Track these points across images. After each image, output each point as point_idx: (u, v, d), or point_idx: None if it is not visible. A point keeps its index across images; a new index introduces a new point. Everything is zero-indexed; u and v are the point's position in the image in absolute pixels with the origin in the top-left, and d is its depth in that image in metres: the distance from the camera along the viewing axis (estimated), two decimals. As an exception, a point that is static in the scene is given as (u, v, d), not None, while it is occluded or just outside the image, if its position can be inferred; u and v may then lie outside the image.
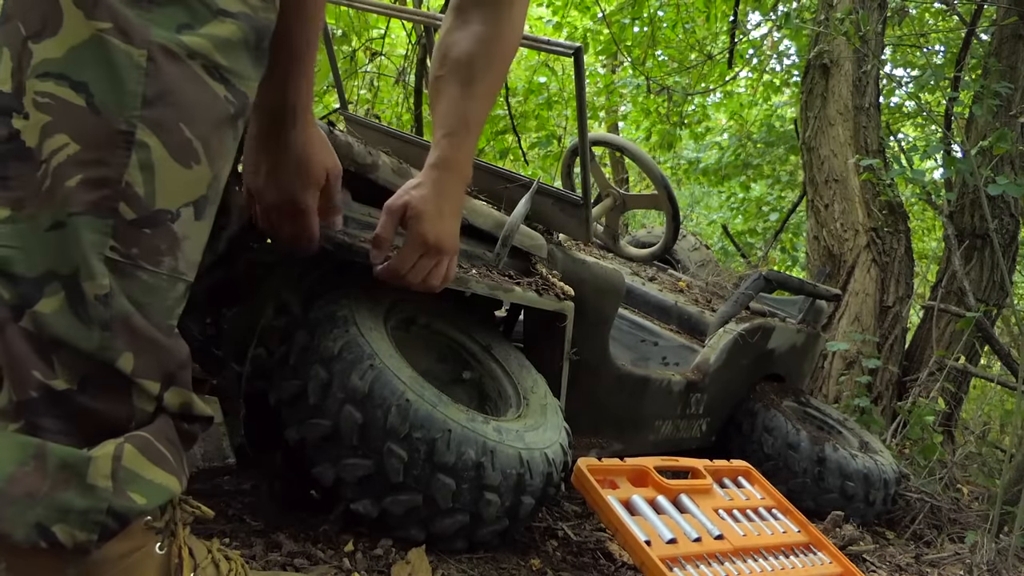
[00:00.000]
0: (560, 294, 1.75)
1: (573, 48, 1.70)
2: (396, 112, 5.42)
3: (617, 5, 6.63)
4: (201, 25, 0.82)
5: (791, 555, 1.74)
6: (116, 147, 0.78)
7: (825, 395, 3.81)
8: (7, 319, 0.78)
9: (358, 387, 1.31)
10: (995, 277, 3.90)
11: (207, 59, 0.83)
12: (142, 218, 0.80)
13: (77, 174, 0.77)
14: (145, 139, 0.79)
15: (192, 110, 0.82)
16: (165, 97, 0.80)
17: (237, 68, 0.86)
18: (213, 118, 0.84)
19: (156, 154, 0.80)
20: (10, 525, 0.77)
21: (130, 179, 0.79)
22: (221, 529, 1.33)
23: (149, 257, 0.81)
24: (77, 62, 0.77)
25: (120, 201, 0.78)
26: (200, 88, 0.83)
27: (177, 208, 0.82)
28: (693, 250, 3.73)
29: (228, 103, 0.85)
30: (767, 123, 7.36)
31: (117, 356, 0.80)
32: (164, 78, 0.80)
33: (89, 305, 0.78)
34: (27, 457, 0.78)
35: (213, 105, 0.84)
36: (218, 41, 0.83)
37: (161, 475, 0.84)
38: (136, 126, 0.78)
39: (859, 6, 4.26)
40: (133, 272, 0.80)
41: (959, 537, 2.52)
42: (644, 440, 2.26)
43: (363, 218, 1.50)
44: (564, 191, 2.00)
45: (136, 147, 0.78)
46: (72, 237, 0.77)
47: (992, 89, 3.48)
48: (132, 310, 0.80)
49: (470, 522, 1.38)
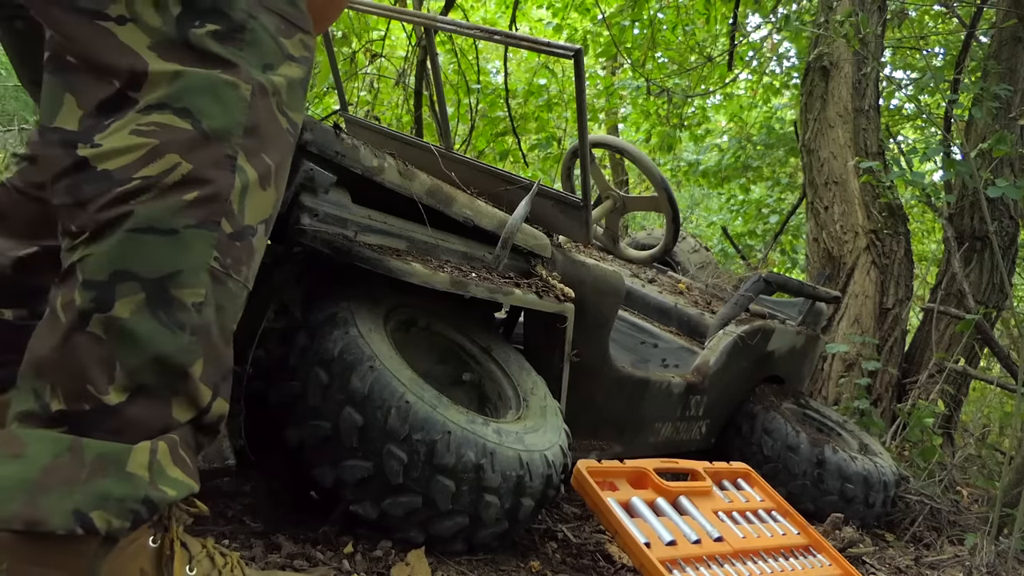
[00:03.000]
0: (560, 296, 1.75)
1: (573, 50, 1.70)
2: (396, 114, 5.42)
3: (617, 7, 6.64)
4: (278, 67, 0.94)
5: (790, 557, 1.74)
6: (223, 168, 0.87)
7: (825, 397, 3.81)
8: (75, 326, 0.81)
9: (358, 389, 1.31)
10: (995, 279, 3.90)
11: (279, 97, 0.94)
12: (236, 232, 0.89)
13: (192, 191, 0.85)
14: (243, 164, 0.89)
15: (271, 141, 0.93)
16: (258, 129, 0.91)
17: (294, 104, 0.97)
18: (283, 148, 0.96)
19: (250, 177, 0.90)
20: (46, 513, 0.78)
21: (233, 198, 0.88)
22: (221, 531, 1.33)
23: (236, 268, 0.90)
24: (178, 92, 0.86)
25: (224, 217, 0.87)
26: (275, 121, 0.94)
27: (256, 225, 0.92)
28: (692, 252, 3.74)
29: (290, 133, 0.97)
30: (767, 125, 7.36)
31: (193, 360, 0.86)
32: (259, 111, 0.91)
33: (179, 310, 0.84)
34: (62, 450, 0.80)
35: (282, 137, 0.95)
36: (290, 81, 0.95)
37: (180, 474, 0.88)
38: (238, 152, 0.89)
39: (859, 8, 4.26)
40: (225, 281, 0.89)
41: (959, 539, 2.52)
42: (644, 442, 2.26)
43: (362, 220, 1.50)
44: (564, 193, 2.01)
45: (238, 171, 0.89)
46: (182, 246, 0.84)
47: (992, 91, 3.48)
48: (215, 319, 0.88)
49: (470, 524, 1.38)
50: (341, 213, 1.47)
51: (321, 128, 1.44)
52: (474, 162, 2.22)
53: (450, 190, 1.65)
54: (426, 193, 1.58)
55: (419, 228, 1.61)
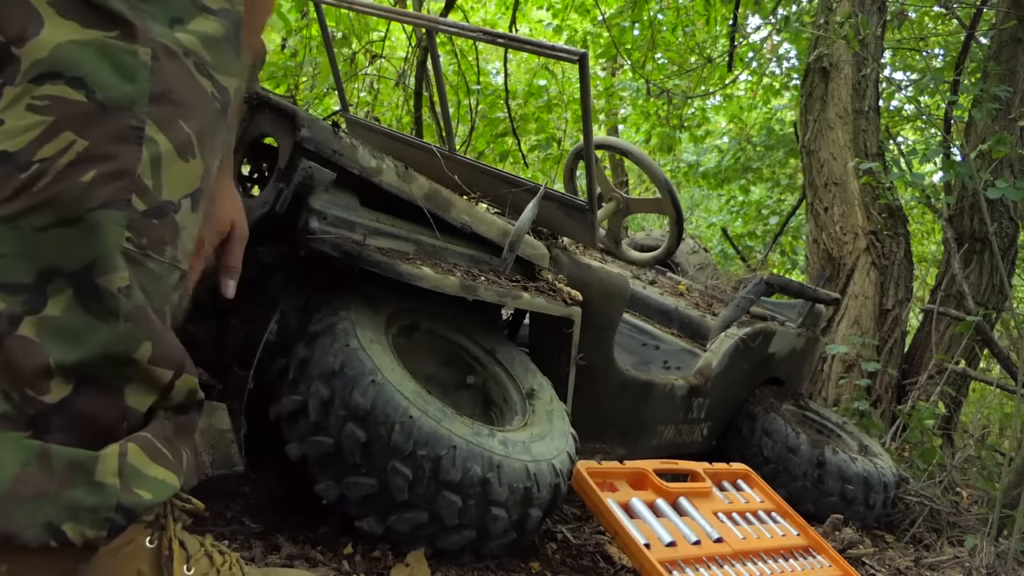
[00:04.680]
0: (568, 299, 1.74)
1: (578, 55, 1.70)
2: (396, 115, 5.43)
3: (617, 8, 6.64)
4: (189, 20, 0.86)
5: (790, 558, 1.74)
6: (128, 141, 0.80)
7: (824, 398, 3.81)
8: (5, 332, 0.77)
9: (360, 404, 1.29)
10: (994, 280, 3.90)
11: (197, 56, 0.87)
12: (151, 209, 0.83)
13: (91, 169, 0.78)
14: (153, 135, 0.82)
15: (189, 107, 0.86)
16: (168, 95, 0.83)
17: (220, 63, 0.90)
18: (205, 114, 0.88)
19: (163, 148, 0.83)
20: (19, 526, 0.76)
21: (142, 172, 0.82)
22: (221, 531, 1.33)
23: (156, 247, 0.84)
24: (73, 60, 0.79)
25: (133, 193, 0.81)
26: (193, 85, 0.86)
27: (178, 200, 0.86)
28: (692, 253, 3.74)
29: (215, 98, 0.89)
30: (767, 126, 7.36)
31: (137, 346, 0.82)
32: (167, 76, 0.83)
33: (107, 298, 0.80)
34: (31, 458, 0.78)
35: (204, 101, 0.88)
36: (205, 38, 0.87)
37: (162, 472, 0.85)
38: (146, 122, 0.82)
39: (858, 10, 4.26)
40: (144, 262, 0.83)
41: (958, 540, 2.52)
42: (647, 445, 2.25)
43: (370, 224, 1.49)
44: (570, 196, 2.01)
45: (146, 142, 0.82)
46: (90, 232, 0.78)
47: (991, 93, 3.48)
48: (145, 301, 0.83)
49: (477, 537, 1.37)
50: (349, 216, 1.45)
51: (320, 126, 1.42)
52: (478, 164, 2.22)
53: (448, 195, 1.63)
54: (424, 197, 1.56)
55: (426, 231, 1.60)
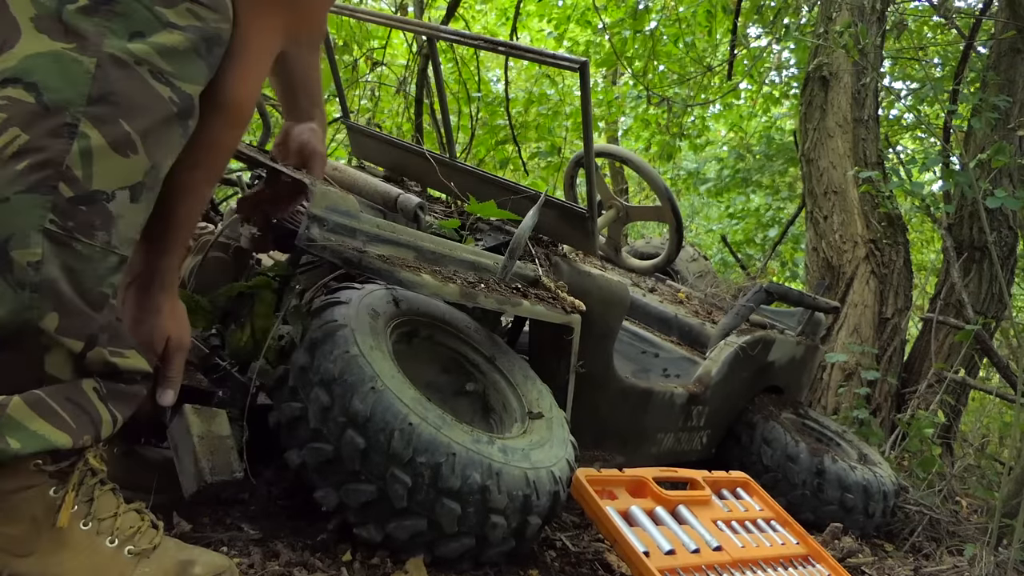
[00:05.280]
0: (568, 307, 1.74)
1: (579, 63, 1.70)
2: (397, 122, 5.44)
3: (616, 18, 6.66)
4: (151, 34, 0.98)
5: (789, 567, 1.74)
6: (60, 136, 0.93)
7: (824, 407, 3.81)
8: None
9: (360, 411, 1.29)
10: (994, 289, 3.90)
11: (152, 65, 0.98)
12: (79, 196, 0.94)
13: (25, 160, 0.92)
14: (87, 131, 0.94)
15: (133, 108, 0.97)
16: (108, 97, 0.95)
17: (183, 72, 1.01)
18: (155, 115, 0.99)
19: (95, 143, 0.94)
20: None
21: (70, 163, 0.93)
22: (220, 538, 1.32)
23: (84, 231, 0.95)
24: (31, 68, 0.93)
25: (60, 181, 0.93)
26: (144, 89, 0.98)
27: (113, 190, 0.97)
28: (691, 261, 3.74)
29: (171, 103, 1.00)
30: (766, 135, 7.38)
31: (42, 316, 0.93)
32: (109, 81, 0.95)
33: (17, 270, 0.91)
34: None
35: (156, 104, 0.99)
36: (163, 49, 0.99)
37: (47, 428, 0.96)
38: (80, 119, 0.94)
39: (858, 19, 4.28)
40: (68, 243, 0.94)
41: (958, 550, 2.51)
42: (646, 453, 2.25)
43: (371, 230, 1.49)
44: (570, 203, 2.01)
45: (78, 137, 0.93)
46: (11, 211, 0.91)
47: (990, 102, 3.49)
48: (60, 276, 0.93)
49: (476, 545, 1.36)
50: (350, 223, 1.46)
51: None
52: (479, 171, 2.22)
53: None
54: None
55: (426, 237, 1.61)
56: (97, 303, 0.98)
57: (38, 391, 0.96)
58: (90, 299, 0.97)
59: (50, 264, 0.92)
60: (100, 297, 0.98)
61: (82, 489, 1.04)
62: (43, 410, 0.96)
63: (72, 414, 0.98)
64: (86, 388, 1.01)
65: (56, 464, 1.01)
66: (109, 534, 1.06)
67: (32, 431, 0.95)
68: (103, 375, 1.02)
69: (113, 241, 0.98)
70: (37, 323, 0.93)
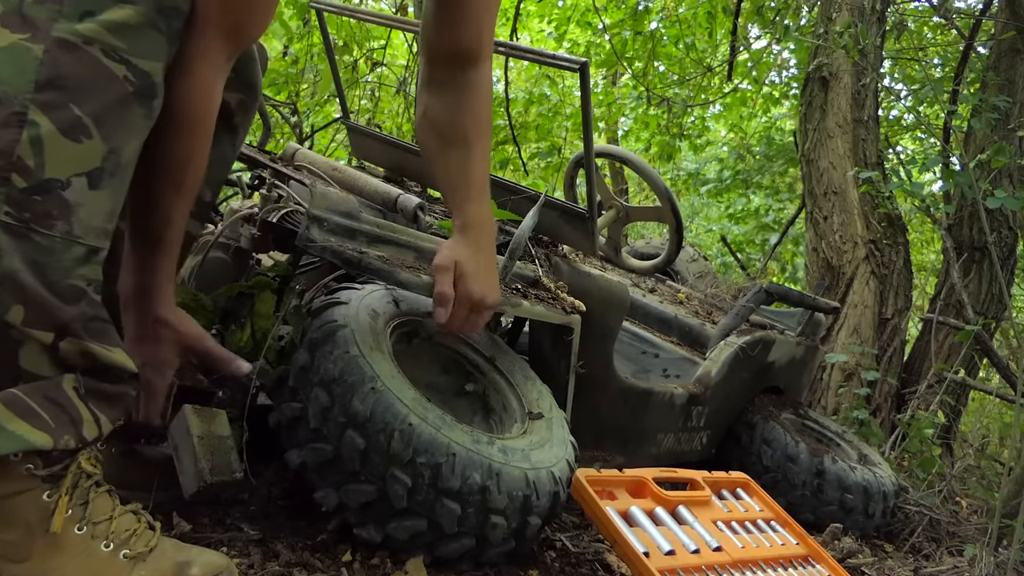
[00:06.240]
0: (567, 308, 1.74)
1: (579, 63, 1.70)
2: (397, 122, 5.44)
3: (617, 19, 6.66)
4: (101, 11, 0.94)
5: (789, 567, 1.74)
6: (10, 126, 0.89)
7: (824, 407, 3.81)
8: None
9: (360, 411, 1.29)
10: (993, 290, 3.90)
11: (104, 43, 0.94)
12: (33, 186, 0.91)
13: None
14: (36, 118, 0.90)
15: (83, 91, 0.93)
16: (56, 82, 0.91)
17: (139, 49, 0.96)
18: (109, 97, 0.94)
19: (44, 130, 0.91)
20: None
21: (21, 153, 0.90)
22: (219, 538, 1.32)
23: (41, 221, 0.91)
24: None
25: (12, 172, 0.90)
26: (96, 70, 0.93)
27: (67, 178, 0.93)
28: (691, 261, 3.74)
29: (127, 82, 0.96)
30: (766, 136, 7.38)
31: (7, 309, 0.90)
32: (58, 66, 0.92)
33: None
34: None
35: (109, 85, 0.94)
36: (113, 26, 0.94)
37: (25, 428, 0.93)
38: (28, 107, 0.90)
39: (858, 20, 4.28)
40: (27, 234, 0.91)
41: (958, 550, 2.51)
42: (646, 453, 2.25)
43: (371, 231, 1.49)
44: (570, 204, 2.01)
45: (28, 125, 0.90)
46: None
47: (990, 103, 3.49)
48: (22, 268, 0.90)
49: (476, 545, 1.36)
50: (350, 223, 1.46)
51: None
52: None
53: None
54: None
55: (426, 237, 1.60)
56: (68, 295, 0.95)
57: (14, 390, 0.94)
58: (59, 291, 0.94)
59: (10, 257, 0.89)
60: (71, 290, 0.95)
61: (76, 492, 1.02)
62: (20, 409, 0.93)
63: (51, 413, 0.96)
64: (66, 386, 0.98)
65: (48, 468, 0.98)
66: (104, 538, 1.04)
67: (9, 431, 0.92)
68: (85, 370, 0.99)
69: (75, 231, 0.94)
70: (3, 317, 0.90)
